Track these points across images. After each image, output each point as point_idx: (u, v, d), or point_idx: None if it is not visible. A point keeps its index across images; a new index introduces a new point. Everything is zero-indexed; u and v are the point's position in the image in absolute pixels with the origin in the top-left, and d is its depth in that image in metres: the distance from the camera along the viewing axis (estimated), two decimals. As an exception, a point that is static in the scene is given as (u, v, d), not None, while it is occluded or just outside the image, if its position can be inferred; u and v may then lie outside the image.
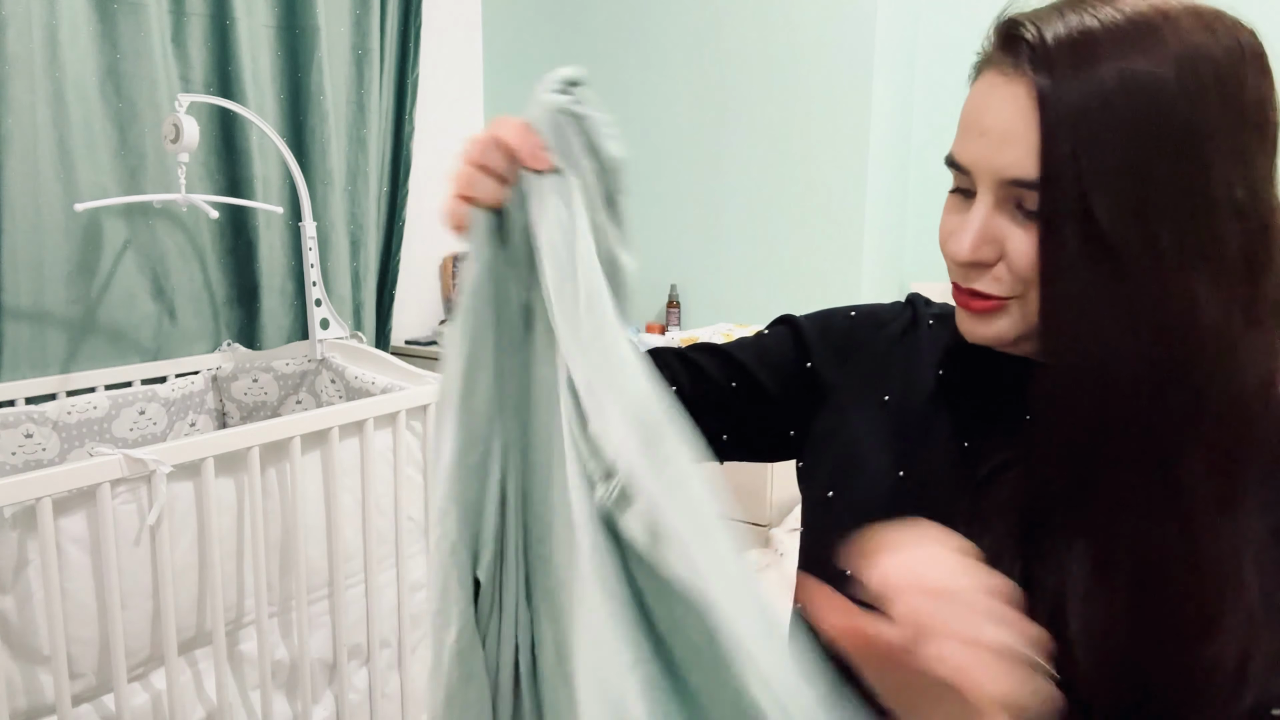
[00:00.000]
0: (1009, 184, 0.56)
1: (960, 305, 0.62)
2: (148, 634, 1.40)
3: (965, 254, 0.58)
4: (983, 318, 0.61)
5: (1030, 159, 0.54)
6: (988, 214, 0.57)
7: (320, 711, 1.71)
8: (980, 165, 0.57)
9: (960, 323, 0.63)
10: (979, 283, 0.59)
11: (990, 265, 0.58)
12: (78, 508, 1.29)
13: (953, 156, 0.60)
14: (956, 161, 0.60)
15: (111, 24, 1.82)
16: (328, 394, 2.04)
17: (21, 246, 1.72)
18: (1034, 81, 0.54)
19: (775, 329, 0.79)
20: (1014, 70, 0.55)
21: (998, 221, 0.57)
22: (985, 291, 0.59)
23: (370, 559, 1.75)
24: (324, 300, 2.06)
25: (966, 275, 0.60)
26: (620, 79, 2.52)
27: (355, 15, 2.27)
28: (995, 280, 0.59)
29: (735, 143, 2.35)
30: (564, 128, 0.52)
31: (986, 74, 0.59)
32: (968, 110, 0.60)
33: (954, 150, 0.60)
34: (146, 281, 1.95)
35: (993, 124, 0.56)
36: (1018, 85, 0.55)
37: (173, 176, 1.85)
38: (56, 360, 1.81)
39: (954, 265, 0.61)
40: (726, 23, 2.32)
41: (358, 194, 2.33)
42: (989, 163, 0.57)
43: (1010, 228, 0.57)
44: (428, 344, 2.50)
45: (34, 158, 1.72)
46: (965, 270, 0.60)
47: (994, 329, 0.61)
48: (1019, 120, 0.55)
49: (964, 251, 0.58)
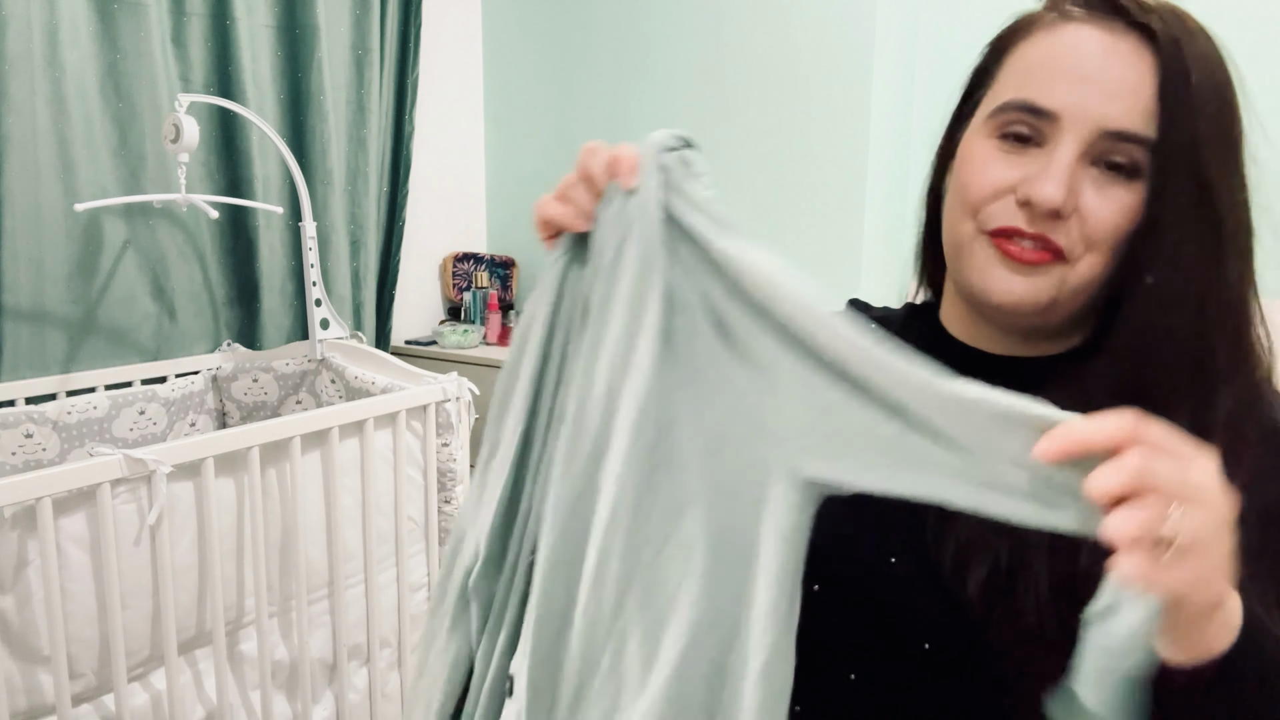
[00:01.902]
0: (1109, 135, 0.55)
1: (1008, 255, 0.59)
2: (148, 634, 1.40)
3: (1058, 196, 0.56)
4: (1027, 272, 0.58)
5: (1140, 115, 0.55)
6: (1074, 161, 0.56)
7: (320, 711, 1.71)
8: (1080, 111, 0.56)
9: (992, 279, 0.60)
10: (1054, 231, 0.57)
11: (1066, 217, 0.57)
12: (78, 508, 1.29)
13: (1030, 101, 0.58)
14: (1037, 105, 0.58)
15: (111, 24, 1.82)
16: (328, 394, 2.04)
17: (21, 246, 1.72)
18: (1150, 40, 0.55)
19: None
20: (1117, 27, 0.56)
21: (1081, 173, 0.57)
22: (1055, 241, 0.57)
23: (370, 559, 1.75)
24: (324, 300, 2.06)
25: (1037, 222, 0.57)
26: (620, 79, 2.52)
27: (355, 15, 2.27)
28: (1066, 233, 0.57)
29: (735, 144, 2.35)
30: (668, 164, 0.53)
31: (1070, 25, 0.58)
32: (1051, 56, 0.58)
33: (1030, 94, 0.58)
34: (146, 281, 1.95)
35: (1101, 72, 0.56)
36: (1127, 42, 0.56)
37: (173, 176, 1.85)
38: (56, 360, 1.81)
39: (1021, 212, 0.58)
40: (727, 22, 2.32)
41: (358, 194, 2.32)
42: (1093, 110, 0.56)
43: (1090, 182, 0.57)
44: (428, 344, 2.50)
45: (34, 158, 1.72)
46: (1042, 218, 0.57)
47: (1033, 286, 0.58)
48: (1131, 76, 0.55)
49: (1057, 196, 0.56)
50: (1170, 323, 0.55)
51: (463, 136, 2.76)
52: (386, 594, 1.82)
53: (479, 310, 2.54)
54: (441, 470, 1.91)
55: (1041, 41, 0.60)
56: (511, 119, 2.76)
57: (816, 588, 0.67)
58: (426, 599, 1.93)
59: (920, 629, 0.61)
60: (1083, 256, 0.57)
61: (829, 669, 0.67)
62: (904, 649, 0.61)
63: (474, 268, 2.69)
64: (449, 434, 1.89)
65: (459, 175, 2.76)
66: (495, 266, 2.72)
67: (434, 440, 1.87)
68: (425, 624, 0.63)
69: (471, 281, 2.61)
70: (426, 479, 1.88)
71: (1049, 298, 0.58)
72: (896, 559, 0.64)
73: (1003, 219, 0.59)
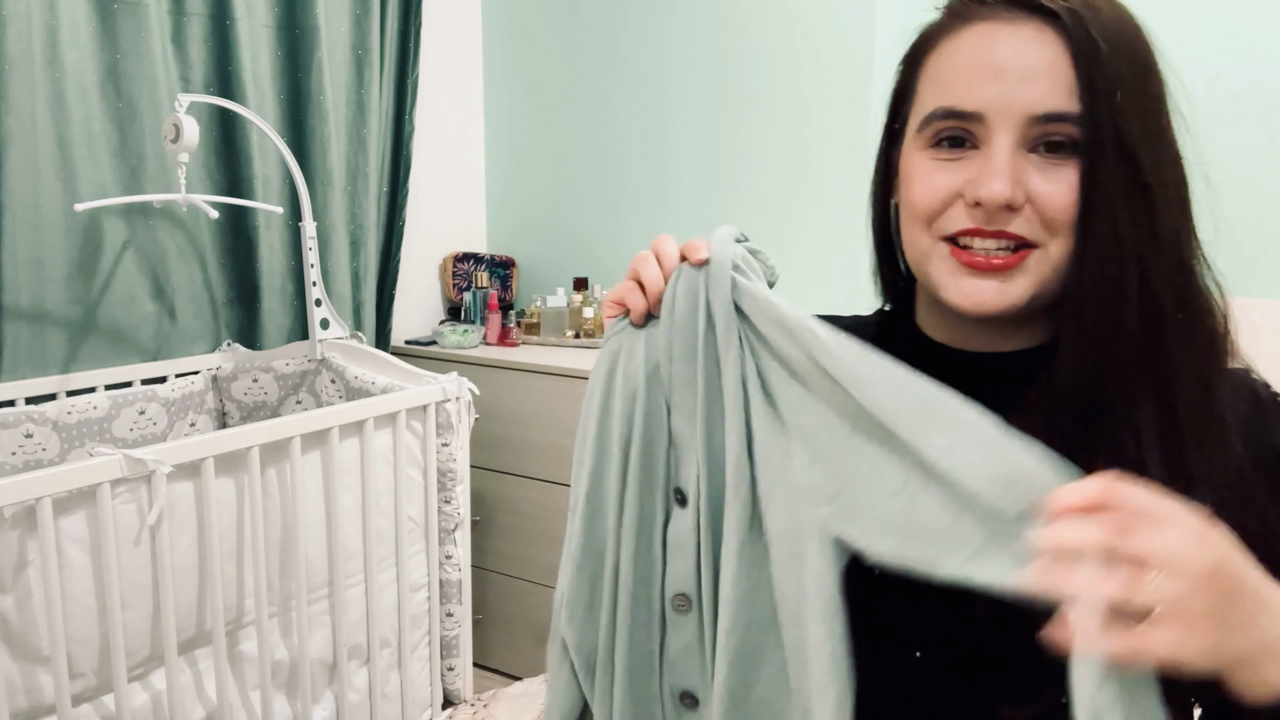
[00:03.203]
0: (1038, 120, 0.56)
1: (975, 269, 0.59)
2: (148, 634, 1.40)
3: (1006, 190, 0.56)
4: (1001, 280, 0.58)
5: (1061, 93, 0.55)
6: (1012, 154, 0.57)
7: (320, 711, 1.71)
8: (1001, 104, 0.56)
9: (964, 292, 0.60)
10: (1012, 223, 0.57)
11: (1019, 209, 0.57)
12: (78, 508, 1.29)
13: (950, 107, 0.59)
14: (960, 110, 0.58)
15: (111, 24, 1.82)
16: (328, 394, 2.04)
17: (21, 246, 1.72)
18: (1052, 21, 0.56)
19: None
20: (1016, 17, 0.57)
21: (1021, 162, 0.57)
22: (1017, 232, 0.57)
23: (370, 559, 1.75)
24: (324, 300, 2.06)
25: (994, 219, 0.58)
26: (620, 79, 2.51)
27: (355, 15, 2.27)
28: (1026, 222, 0.57)
29: (735, 143, 2.35)
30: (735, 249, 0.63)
31: (972, 27, 0.59)
32: (962, 60, 0.59)
33: (949, 100, 0.59)
34: (146, 281, 1.95)
35: (1012, 64, 0.56)
36: (1030, 27, 0.56)
37: (173, 176, 1.85)
38: (56, 360, 1.81)
39: (975, 213, 0.58)
40: (726, 22, 2.32)
41: (358, 194, 2.32)
42: (1014, 101, 0.56)
43: (1033, 169, 0.57)
44: (428, 344, 2.50)
45: (34, 158, 1.72)
46: (997, 214, 0.57)
47: (1012, 291, 0.58)
48: (1044, 56, 0.56)
49: (1005, 191, 0.56)
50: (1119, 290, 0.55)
51: (463, 136, 2.76)
52: (386, 594, 1.82)
53: (479, 310, 2.54)
54: (441, 470, 1.91)
55: (949, 48, 0.60)
56: (511, 119, 2.77)
57: None
58: (426, 599, 1.93)
59: (916, 632, 0.61)
60: (1050, 239, 0.57)
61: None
62: (905, 654, 0.61)
63: (474, 268, 2.69)
64: (449, 434, 1.89)
65: (459, 175, 2.76)
66: (495, 266, 2.72)
67: (434, 440, 1.87)
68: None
69: (471, 281, 2.61)
70: (426, 479, 1.88)
71: (1031, 294, 0.59)
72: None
73: (959, 223, 0.59)
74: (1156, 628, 0.42)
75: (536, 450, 2.24)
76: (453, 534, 1.95)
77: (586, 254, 2.65)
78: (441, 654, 1.99)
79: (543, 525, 2.25)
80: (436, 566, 1.93)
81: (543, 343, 2.47)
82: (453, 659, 2.01)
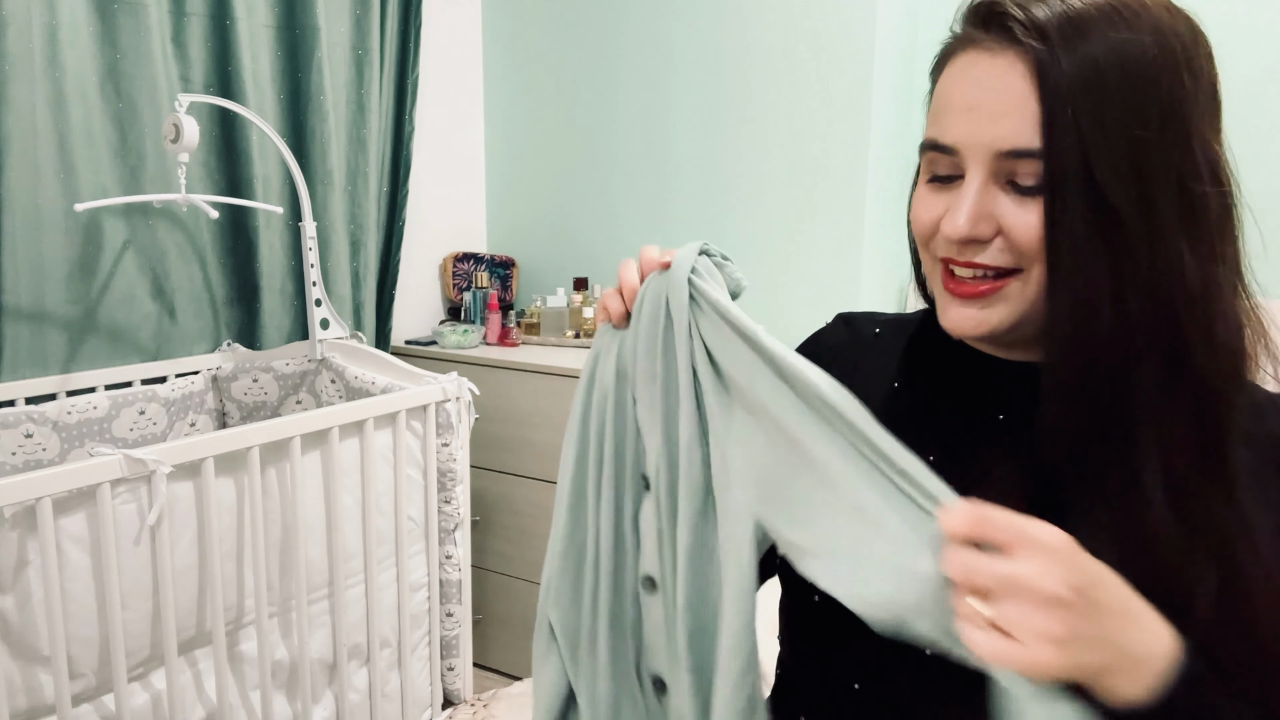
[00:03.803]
0: (1005, 156, 0.56)
1: (956, 295, 0.61)
2: (148, 634, 1.40)
3: (964, 228, 0.57)
4: (980, 306, 0.60)
5: (1028, 129, 0.55)
6: (980, 189, 0.57)
7: (320, 711, 1.71)
8: (972, 140, 0.57)
9: (950, 318, 0.62)
10: (981, 255, 0.58)
11: (987, 241, 0.58)
12: (78, 508, 1.29)
13: (934, 140, 0.60)
14: (939, 143, 0.59)
15: (111, 24, 1.82)
16: (328, 394, 2.04)
17: (21, 246, 1.72)
18: (1028, 53, 0.54)
19: None
20: (1000, 46, 0.56)
21: (992, 197, 0.57)
22: (988, 263, 0.58)
23: (370, 559, 1.75)
24: (324, 300, 2.06)
25: (964, 251, 0.59)
26: (620, 79, 2.51)
27: (355, 15, 2.27)
28: (998, 251, 0.58)
29: (734, 142, 2.35)
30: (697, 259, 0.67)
31: (964, 54, 0.59)
32: (947, 91, 0.59)
33: (934, 133, 0.60)
34: (146, 281, 1.95)
35: (982, 98, 0.56)
36: (1005, 59, 0.55)
37: (173, 176, 1.85)
38: (56, 360, 1.81)
39: (949, 244, 0.60)
40: (726, 23, 2.32)
41: (358, 194, 2.33)
42: (982, 136, 0.56)
43: (1005, 203, 0.57)
44: (428, 344, 2.50)
45: (34, 158, 1.72)
46: (962, 246, 0.59)
47: (992, 317, 0.60)
48: (1012, 92, 0.55)
49: (962, 226, 0.57)
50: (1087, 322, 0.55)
51: (463, 137, 2.76)
52: (386, 594, 1.82)
53: (479, 310, 2.54)
54: (441, 470, 1.91)
55: (946, 76, 0.61)
56: (511, 119, 2.77)
57: (817, 598, 0.67)
58: (426, 599, 1.93)
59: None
60: (1032, 266, 0.57)
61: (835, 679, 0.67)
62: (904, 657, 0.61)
63: (474, 268, 2.69)
64: (449, 434, 1.89)
65: (459, 175, 2.76)
66: (495, 266, 2.72)
67: (434, 440, 1.87)
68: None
69: (471, 281, 2.61)
70: (426, 479, 1.88)
71: (1013, 319, 0.60)
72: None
73: (943, 250, 0.62)
74: (1009, 643, 0.46)
75: (536, 450, 2.24)
76: (453, 534, 1.95)
77: (586, 254, 2.65)
78: (441, 654, 1.99)
79: (543, 525, 2.25)
80: (436, 566, 1.93)
81: (543, 343, 2.47)
82: (453, 659, 2.01)
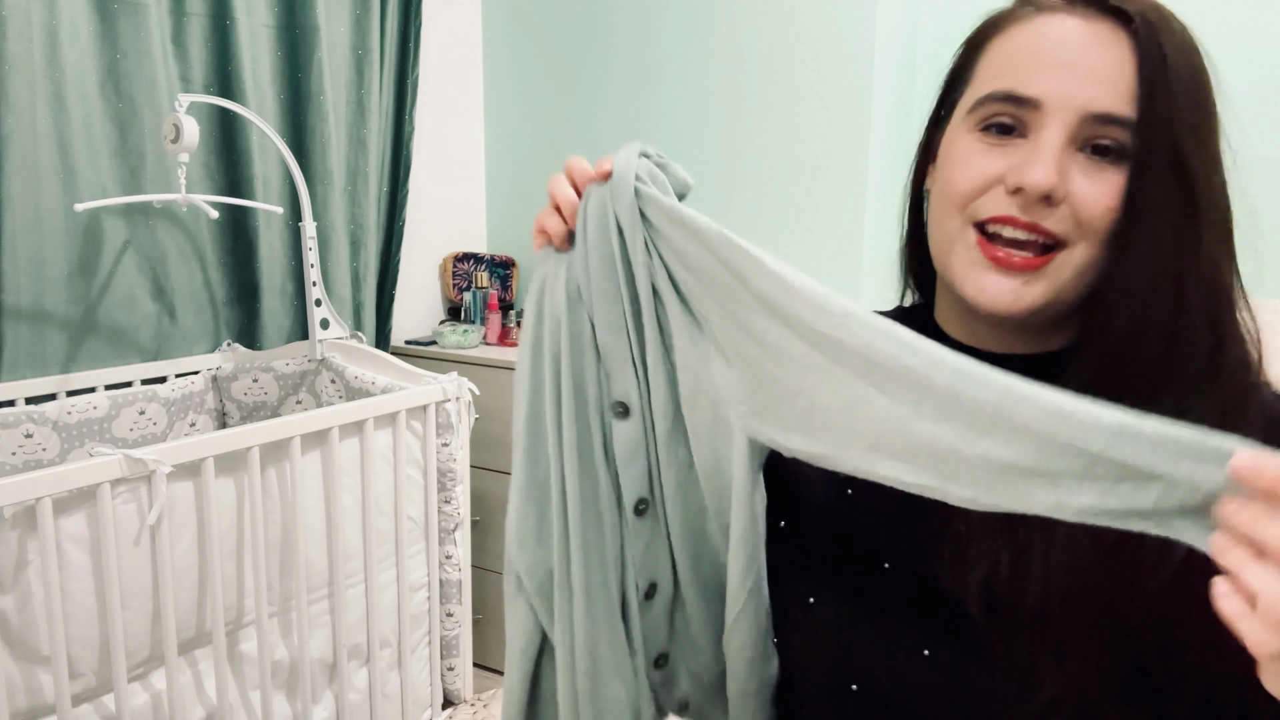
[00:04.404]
0: (1094, 119, 0.56)
1: (999, 264, 0.59)
2: (148, 634, 1.40)
3: (1052, 179, 0.56)
4: (1024, 280, 0.58)
5: (1121, 98, 0.55)
6: (1061, 147, 0.57)
7: (320, 711, 1.71)
8: (1063, 97, 0.57)
9: (983, 288, 0.59)
10: (1047, 219, 0.57)
11: (1057, 204, 0.57)
12: (78, 508, 1.29)
13: (1010, 90, 0.58)
14: (1020, 95, 0.58)
15: (111, 24, 1.82)
16: (328, 394, 2.04)
17: (21, 246, 1.72)
18: (1124, 27, 0.56)
19: None
20: (1094, 15, 0.57)
21: (1068, 158, 0.57)
22: (1050, 228, 0.57)
23: (370, 559, 1.75)
24: (324, 300, 2.06)
25: (1030, 209, 0.57)
26: (620, 79, 2.51)
27: (355, 15, 2.27)
28: (1061, 219, 0.57)
29: (734, 142, 2.35)
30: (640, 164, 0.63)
31: (1048, 15, 0.59)
32: (1035, 45, 0.59)
33: (1010, 84, 0.59)
34: (146, 281, 1.95)
35: (1080, 58, 0.57)
36: (1103, 27, 0.57)
37: (173, 176, 1.85)
38: (56, 360, 1.81)
39: (1010, 201, 0.58)
40: (726, 23, 2.32)
41: (358, 194, 2.32)
42: (1078, 94, 0.56)
43: (1076, 168, 0.57)
44: (428, 344, 2.50)
45: (34, 158, 1.71)
46: (1034, 205, 0.57)
47: (1032, 293, 0.58)
48: (1110, 60, 0.56)
49: (1049, 179, 0.56)
50: (1150, 305, 0.55)
51: (463, 136, 2.75)
52: (386, 594, 1.82)
53: (479, 310, 2.54)
54: (441, 470, 1.91)
55: (1018, 34, 0.60)
56: (511, 119, 2.77)
57: (811, 600, 0.67)
58: (426, 599, 1.93)
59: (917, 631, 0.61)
60: (1079, 242, 0.57)
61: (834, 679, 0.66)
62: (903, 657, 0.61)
63: (474, 268, 2.69)
64: (449, 434, 1.89)
65: (459, 175, 2.76)
66: (495, 266, 2.72)
67: (434, 440, 1.87)
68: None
69: (471, 281, 2.61)
70: (426, 479, 1.88)
71: (1046, 300, 0.58)
72: (853, 490, 0.66)
73: (994, 209, 0.59)
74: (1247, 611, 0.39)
75: (536, 450, 2.23)
76: (453, 534, 1.95)
77: (586, 254, 2.65)
78: (441, 654, 1.99)
79: (543, 525, 2.25)
80: (436, 566, 1.93)
81: (543, 343, 2.46)
82: (453, 659, 2.01)
